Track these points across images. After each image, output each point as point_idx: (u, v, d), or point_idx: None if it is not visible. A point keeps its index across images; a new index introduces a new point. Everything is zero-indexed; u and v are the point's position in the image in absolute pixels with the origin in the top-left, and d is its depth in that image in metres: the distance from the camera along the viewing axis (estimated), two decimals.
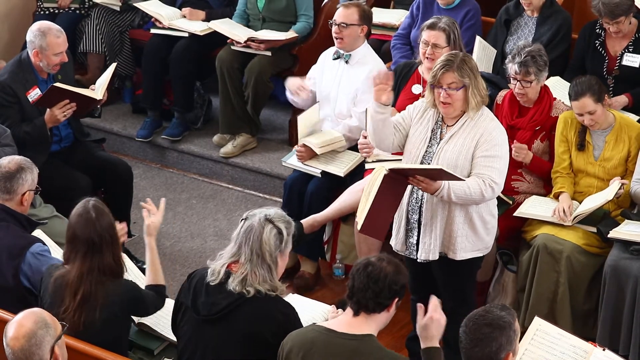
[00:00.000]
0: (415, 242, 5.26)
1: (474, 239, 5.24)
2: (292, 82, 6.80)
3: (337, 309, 4.71)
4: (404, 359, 4.05)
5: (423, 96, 6.24)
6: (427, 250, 5.22)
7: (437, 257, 5.22)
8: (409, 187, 5.18)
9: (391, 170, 4.98)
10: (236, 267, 4.27)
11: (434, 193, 5.04)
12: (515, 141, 6.02)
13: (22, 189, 5.18)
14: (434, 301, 4.20)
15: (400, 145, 5.29)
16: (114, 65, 6.81)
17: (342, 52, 6.62)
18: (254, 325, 4.23)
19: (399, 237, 5.34)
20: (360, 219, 5.05)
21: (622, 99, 6.55)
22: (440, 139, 5.15)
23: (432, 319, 4.15)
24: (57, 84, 6.30)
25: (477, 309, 3.88)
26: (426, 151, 5.16)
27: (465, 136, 5.11)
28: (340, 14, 6.56)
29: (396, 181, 5.04)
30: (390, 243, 5.41)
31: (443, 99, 5.08)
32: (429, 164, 5.12)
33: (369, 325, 4.09)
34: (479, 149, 5.09)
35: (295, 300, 4.91)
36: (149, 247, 4.92)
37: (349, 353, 4.02)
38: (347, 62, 6.60)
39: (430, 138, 5.17)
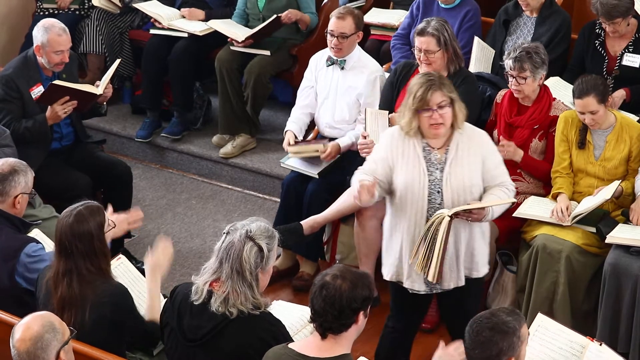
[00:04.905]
0: None
1: (485, 250, 5.20)
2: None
3: None
4: None
5: None
6: (456, 278, 5.11)
7: (463, 282, 5.13)
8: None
9: (454, 214, 4.90)
10: (218, 285, 4.22)
11: (482, 219, 5.02)
12: (501, 138, 6.05)
13: (15, 192, 5.16)
14: (458, 343, 4.05)
15: (386, 191, 5.13)
16: (118, 61, 6.86)
17: (336, 58, 6.61)
18: (239, 346, 4.19)
19: (420, 276, 5.07)
20: (430, 270, 4.92)
21: (621, 93, 6.55)
22: (439, 164, 5.02)
23: (449, 354, 4.04)
24: (57, 82, 6.31)
25: (485, 310, 3.87)
26: (429, 180, 5.02)
27: (467, 155, 5.02)
28: (338, 25, 6.50)
29: (453, 221, 4.98)
30: (405, 286, 5.16)
31: (434, 121, 4.94)
32: (438, 192, 4.99)
33: (341, 345, 3.94)
34: (488, 162, 5.05)
35: (278, 306, 4.84)
36: (148, 288, 4.77)
37: None
38: (342, 68, 6.60)
39: (427, 167, 5.04)
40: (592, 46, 6.75)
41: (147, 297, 4.79)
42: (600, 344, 4.52)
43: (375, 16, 7.82)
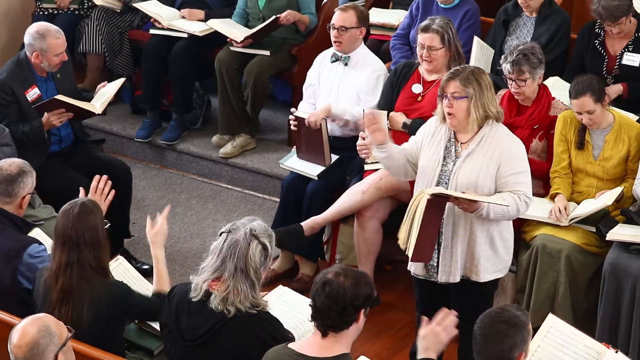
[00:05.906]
0: (435, 264, 5.14)
1: (495, 260, 5.16)
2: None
3: None
4: None
5: (423, 96, 6.29)
6: (448, 273, 5.11)
7: (457, 280, 5.12)
8: None
9: (434, 195, 4.88)
10: (217, 284, 4.22)
11: (473, 212, 4.97)
12: None
13: (23, 193, 5.19)
14: (442, 314, 4.09)
15: (415, 171, 5.21)
16: (122, 80, 6.86)
17: (340, 54, 6.62)
18: (237, 345, 4.20)
19: None
20: (409, 248, 4.92)
21: (617, 88, 6.56)
22: (456, 157, 5.05)
23: (433, 330, 4.04)
24: (59, 97, 6.32)
25: (492, 307, 3.87)
26: (441, 170, 5.06)
27: (483, 154, 5.01)
28: (339, 18, 6.55)
29: (438, 202, 4.94)
30: (408, 268, 5.25)
31: (447, 109, 5.01)
32: (446, 183, 5.03)
33: (341, 344, 3.94)
34: (504, 168, 5.01)
35: (284, 294, 4.89)
36: (153, 256, 4.91)
37: None
38: (346, 64, 6.60)
39: (445, 157, 5.08)
40: (592, 46, 6.76)
41: (154, 266, 4.89)
42: (617, 351, 4.49)
43: (375, 16, 7.81)
